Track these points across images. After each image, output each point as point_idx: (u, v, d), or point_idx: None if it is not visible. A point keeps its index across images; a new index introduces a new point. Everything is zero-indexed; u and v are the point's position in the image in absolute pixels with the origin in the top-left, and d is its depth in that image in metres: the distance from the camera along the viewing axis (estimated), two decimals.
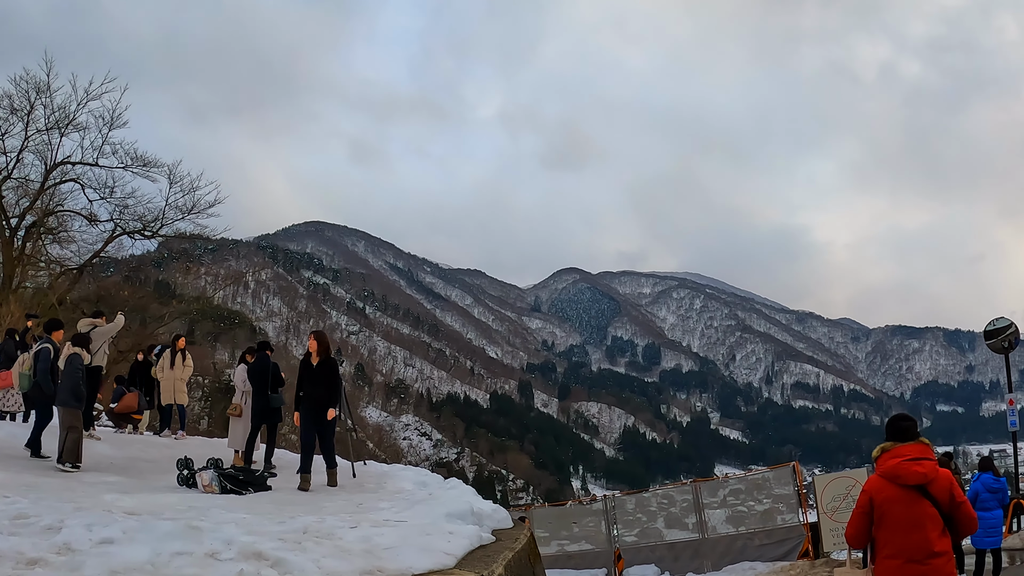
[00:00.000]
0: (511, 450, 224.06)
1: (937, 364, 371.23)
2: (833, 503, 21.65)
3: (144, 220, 31.86)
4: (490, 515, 9.80)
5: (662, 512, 25.71)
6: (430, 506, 9.71)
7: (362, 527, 7.90)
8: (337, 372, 13.31)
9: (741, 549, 23.41)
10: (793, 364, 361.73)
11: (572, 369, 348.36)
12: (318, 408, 12.80)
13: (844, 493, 21.57)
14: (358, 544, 7.11)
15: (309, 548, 6.58)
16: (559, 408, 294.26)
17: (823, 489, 22.14)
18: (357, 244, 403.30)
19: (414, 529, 7.97)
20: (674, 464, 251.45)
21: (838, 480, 22.47)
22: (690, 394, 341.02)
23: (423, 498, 10.77)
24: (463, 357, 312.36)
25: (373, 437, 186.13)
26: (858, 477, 21.91)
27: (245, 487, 10.27)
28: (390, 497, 10.99)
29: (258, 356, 15.78)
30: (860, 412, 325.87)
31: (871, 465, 7.53)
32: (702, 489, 25.29)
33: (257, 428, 15.17)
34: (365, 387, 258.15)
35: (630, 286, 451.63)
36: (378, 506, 9.82)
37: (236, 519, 7.83)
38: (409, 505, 9.96)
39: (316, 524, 7.85)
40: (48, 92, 28.97)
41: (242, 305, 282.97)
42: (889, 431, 6.81)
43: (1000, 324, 21.88)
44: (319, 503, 10.01)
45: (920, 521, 6.28)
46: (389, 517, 8.82)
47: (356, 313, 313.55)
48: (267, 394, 15.06)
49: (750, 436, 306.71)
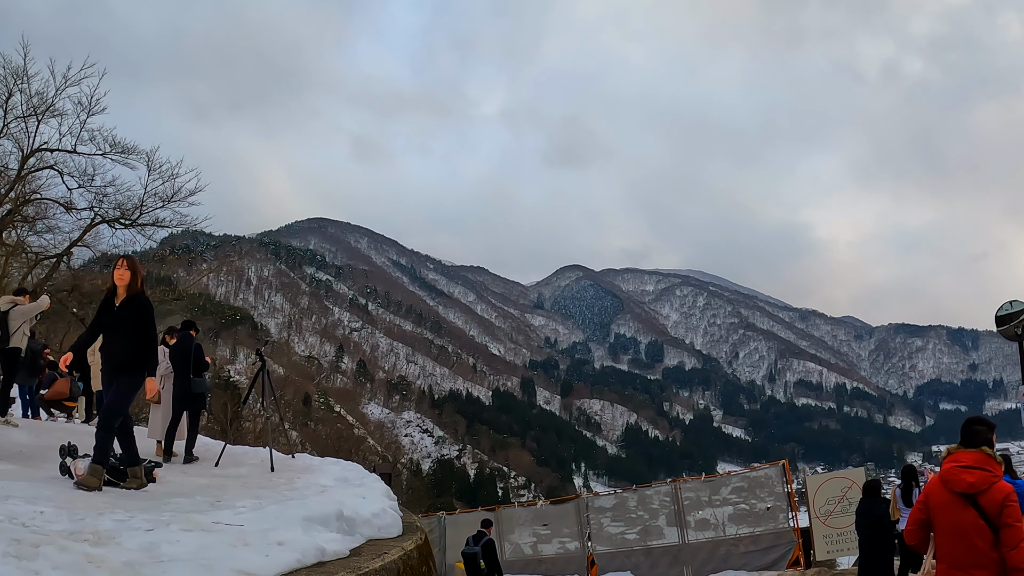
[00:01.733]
0: (513, 447, 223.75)
1: (940, 362, 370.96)
2: (827, 506, 19.88)
3: (123, 208, 31.32)
4: (367, 521, 8.28)
5: (640, 514, 23.55)
6: (287, 507, 8.02)
7: (165, 531, 6.66)
8: (148, 318, 9.45)
9: (725, 556, 21.18)
10: (796, 362, 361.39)
11: (575, 366, 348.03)
12: (115, 369, 9.25)
13: (839, 495, 19.86)
14: (129, 554, 5.80)
15: (49, 555, 5.64)
16: (561, 405, 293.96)
17: (816, 491, 20.36)
18: (360, 241, 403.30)
19: (235, 537, 6.85)
20: (676, 462, 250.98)
21: (833, 481, 20.63)
22: (693, 392, 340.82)
23: (295, 497, 9.53)
24: (465, 354, 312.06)
25: (375, 434, 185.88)
26: (855, 478, 20.03)
27: (124, 478, 9.64)
28: (269, 494, 9.77)
29: (180, 336, 14.65)
30: (863, 410, 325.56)
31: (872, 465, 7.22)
32: (683, 490, 22.96)
33: (179, 415, 14.03)
34: (367, 383, 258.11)
35: (633, 283, 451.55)
36: (235, 504, 8.67)
37: (33, 513, 6.99)
38: (270, 504, 8.72)
39: (113, 524, 6.88)
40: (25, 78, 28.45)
41: (244, 301, 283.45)
42: (961, 433, 6.59)
43: (1014, 308, 19.18)
44: (170, 498, 9.02)
45: (964, 530, 6.14)
46: (230, 520, 7.65)
47: (358, 310, 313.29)
48: (189, 378, 14.01)
49: (753, 434, 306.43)
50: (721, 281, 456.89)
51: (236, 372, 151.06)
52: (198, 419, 14.47)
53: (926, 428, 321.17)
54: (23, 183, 30.70)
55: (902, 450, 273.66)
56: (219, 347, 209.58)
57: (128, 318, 9.35)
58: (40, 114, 29.14)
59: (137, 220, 31.27)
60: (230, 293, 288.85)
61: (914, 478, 14.92)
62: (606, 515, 24.17)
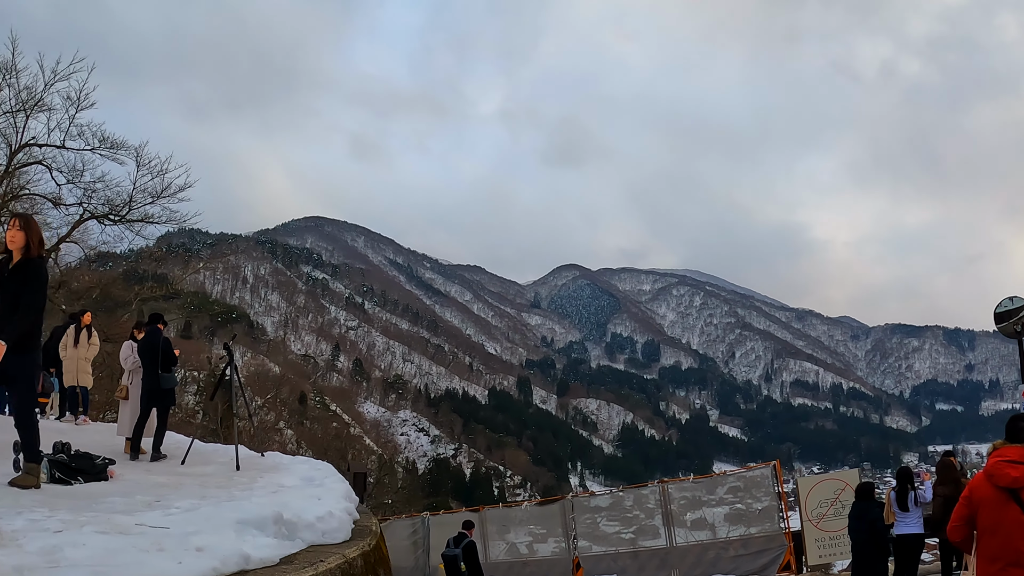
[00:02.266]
0: (509, 446, 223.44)
1: (937, 363, 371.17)
2: (819, 509, 19.22)
3: (111, 204, 31.02)
4: (310, 525, 7.56)
5: (626, 516, 22.82)
6: (223, 509, 7.34)
7: (75, 532, 5.91)
8: (35, 288, 8.04)
9: (713, 560, 20.38)
10: (792, 362, 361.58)
11: (571, 366, 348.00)
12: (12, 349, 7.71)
13: (832, 498, 19.11)
14: (26, 558, 5.30)
15: None
16: (558, 404, 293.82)
17: (808, 493, 19.62)
18: (357, 239, 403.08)
19: (152, 541, 6.19)
20: (672, 461, 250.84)
21: (825, 483, 19.88)
22: (689, 391, 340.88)
23: (242, 497, 8.89)
24: (462, 353, 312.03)
25: (370, 432, 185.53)
26: (848, 480, 19.12)
27: (74, 476, 9.28)
28: (217, 494, 9.19)
29: (148, 330, 14.16)
30: (859, 410, 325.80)
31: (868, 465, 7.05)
32: (670, 491, 22.06)
33: (147, 412, 13.62)
34: (363, 382, 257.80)
35: (630, 283, 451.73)
36: (173, 504, 8.11)
37: None
38: (208, 505, 8.10)
39: (25, 524, 6.38)
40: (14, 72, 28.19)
41: (240, 300, 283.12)
42: (1006, 430, 6.56)
43: (1014, 304, 18.39)
44: (107, 497, 8.49)
45: (1005, 525, 6.10)
46: (157, 522, 6.75)
47: (355, 308, 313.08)
48: (157, 373, 13.54)
49: (749, 434, 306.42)
50: (718, 281, 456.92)
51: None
52: (167, 415, 14.04)
53: (922, 428, 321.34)
54: (11, 178, 30.42)
55: (898, 450, 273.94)
56: (215, 345, 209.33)
57: (15, 285, 8.01)
58: (29, 109, 28.88)
59: (126, 216, 30.98)
60: (226, 291, 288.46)
61: (909, 480, 14.47)
62: (591, 516, 23.46)
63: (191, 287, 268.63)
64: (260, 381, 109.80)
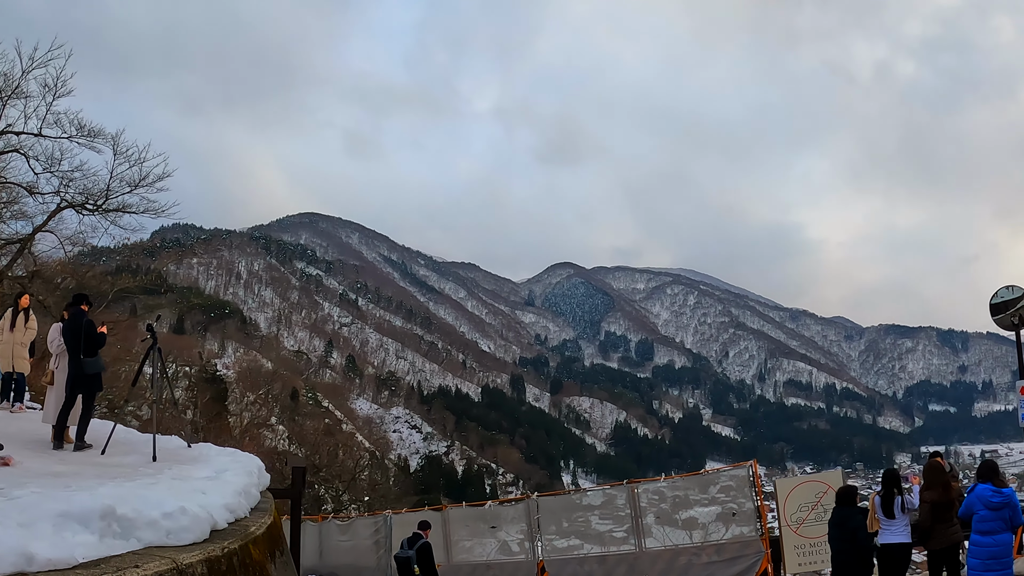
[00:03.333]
0: (501, 444, 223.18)
1: (930, 364, 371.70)
2: (799, 513, 17.47)
3: (89, 193, 30.45)
4: (154, 522, 6.64)
5: (593, 518, 21.28)
6: (49, 500, 6.60)
7: None
8: None
9: (685, 567, 18.82)
10: (786, 361, 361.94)
11: (565, 364, 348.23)
12: None
13: (813, 501, 17.37)
14: None
15: None
16: (551, 402, 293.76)
17: (787, 496, 17.81)
18: (351, 236, 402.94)
19: None
20: (665, 460, 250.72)
21: (806, 485, 18.03)
22: (682, 390, 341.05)
23: (87, 488, 8.09)
24: (455, 350, 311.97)
25: (363, 429, 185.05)
26: (831, 482, 17.38)
27: None
28: (92, 484, 8.55)
29: (71, 312, 13.49)
30: (852, 411, 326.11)
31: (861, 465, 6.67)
32: (640, 492, 20.35)
33: (72, 398, 13.00)
34: (356, 379, 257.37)
35: (624, 281, 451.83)
36: (11, 493, 7.53)
37: None
38: (33, 495, 7.34)
39: None
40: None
41: (234, 295, 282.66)
42: None
43: (1012, 294, 16.41)
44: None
45: None
46: None
47: (349, 305, 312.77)
48: (80, 358, 12.95)
49: (742, 433, 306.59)
50: (712, 280, 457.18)
51: (224, 367, 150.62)
52: (92, 402, 13.31)
53: (915, 429, 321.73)
54: None
55: (891, 451, 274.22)
56: (208, 341, 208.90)
57: None
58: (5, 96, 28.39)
59: (103, 205, 30.43)
60: (220, 287, 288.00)
61: (896, 484, 13.26)
62: (557, 518, 21.93)
63: (184, 282, 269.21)
64: (252, 377, 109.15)
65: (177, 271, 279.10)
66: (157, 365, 13.35)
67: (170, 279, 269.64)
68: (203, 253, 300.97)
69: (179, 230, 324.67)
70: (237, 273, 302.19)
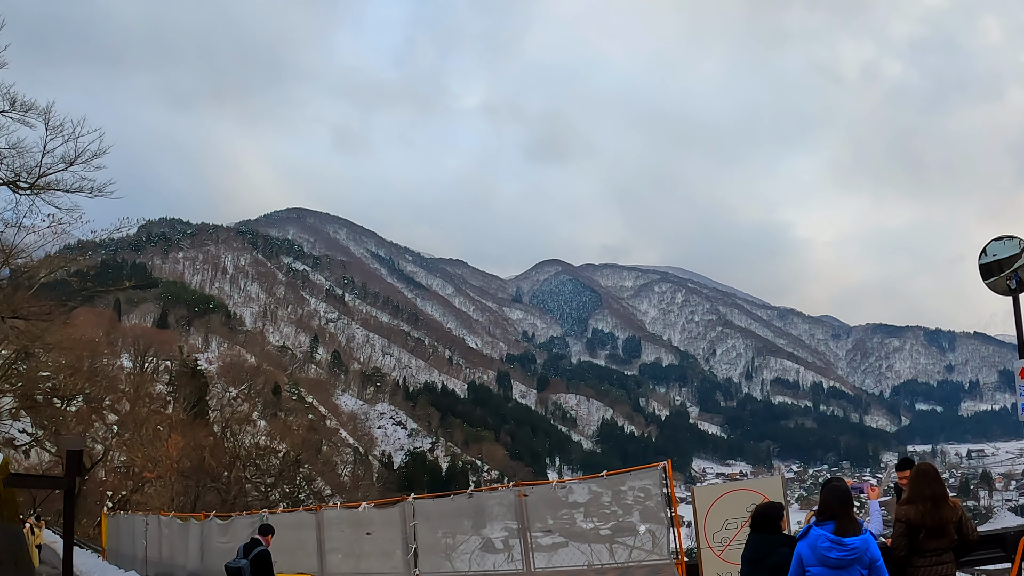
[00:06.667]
0: (487, 440, 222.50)
1: (917, 363, 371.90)
2: (725, 532, 12.51)
3: (17, 171, 28.83)
4: None
5: (475, 528, 17.14)
6: None
7: None
8: None
9: None
10: (773, 360, 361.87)
11: (552, 361, 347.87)
12: None
13: (743, 517, 11.51)
14: None
15: None
16: (537, 399, 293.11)
17: (709, 508, 12.79)
18: (339, 231, 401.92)
19: None
20: (651, 458, 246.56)
21: (733, 496, 12.77)
22: (669, 388, 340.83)
23: None
24: (442, 346, 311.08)
25: (347, 425, 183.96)
26: (766, 491, 12.23)
27: None
28: None
29: None
30: (839, 409, 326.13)
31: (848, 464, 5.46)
32: (529, 500, 15.31)
33: None
34: (341, 374, 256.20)
35: (612, 279, 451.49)
36: None
37: None
38: None
39: None
40: None
41: (220, 290, 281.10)
42: None
43: (1006, 250, 12.92)
44: None
45: None
46: None
47: (335, 300, 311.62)
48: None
49: (728, 431, 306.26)
50: (700, 278, 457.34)
51: (207, 361, 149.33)
52: None
53: (902, 428, 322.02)
54: None
55: (877, 449, 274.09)
56: (191, 336, 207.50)
57: None
58: None
59: (35, 184, 28.86)
60: (205, 282, 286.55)
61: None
62: (434, 526, 17.50)
63: (170, 276, 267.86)
64: (235, 372, 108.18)
65: (163, 265, 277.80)
66: None
67: (155, 273, 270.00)
68: (189, 248, 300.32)
69: (165, 224, 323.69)
70: (223, 268, 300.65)
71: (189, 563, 23.91)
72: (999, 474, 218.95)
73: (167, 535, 26.35)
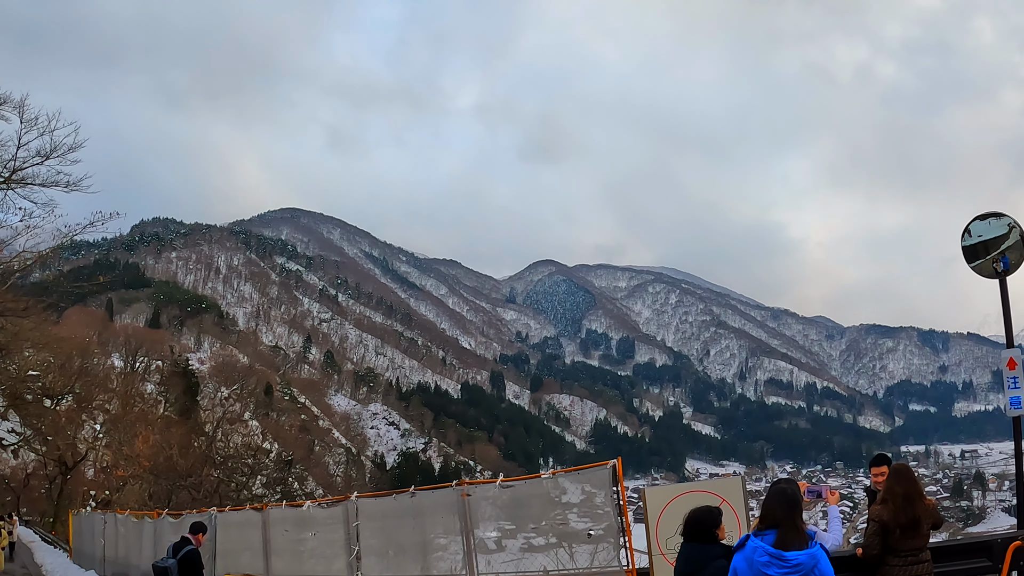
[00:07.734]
0: (480, 441, 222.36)
1: (911, 363, 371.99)
2: (678, 537, 9.24)
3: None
4: None
5: (417, 529, 15.18)
6: None
7: None
8: None
9: None
10: (767, 360, 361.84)
11: (545, 361, 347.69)
12: None
13: None
14: None
15: None
16: (531, 400, 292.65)
17: (661, 511, 11.30)
18: (333, 231, 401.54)
19: None
20: (645, 458, 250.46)
21: (687, 497, 10.99)
22: (663, 388, 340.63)
23: None
24: (435, 347, 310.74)
25: (340, 425, 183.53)
26: (726, 493, 10.87)
27: None
28: None
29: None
30: (833, 410, 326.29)
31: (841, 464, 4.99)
32: (472, 500, 13.74)
33: None
34: (334, 375, 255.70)
35: (606, 279, 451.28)
36: None
37: None
38: None
39: None
40: None
41: (213, 290, 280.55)
42: None
43: (992, 231, 12.01)
44: None
45: None
46: None
47: (328, 300, 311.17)
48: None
49: (722, 431, 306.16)
50: (693, 279, 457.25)
51: (199, 361, 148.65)
52: None
53: (895, 428, 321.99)
54: None
55: (871, 450, 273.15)
56: (184, 336, 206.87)
57: None
58: None
59: (10, 178, 28.38)
60: (198, 282, 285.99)
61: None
62: (376, 528, 16.00)
63: (163, 276, 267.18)
64: (226, 372, 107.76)
65: (156, 265, 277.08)
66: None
67: (148, 273, 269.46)
68: (182, 247, 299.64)
69: (159, 224, 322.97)
70: (216, 268, 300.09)
71: (143, 562, 23.00)
72: (993, 474, 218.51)
73: (123, 533, 25.83)
